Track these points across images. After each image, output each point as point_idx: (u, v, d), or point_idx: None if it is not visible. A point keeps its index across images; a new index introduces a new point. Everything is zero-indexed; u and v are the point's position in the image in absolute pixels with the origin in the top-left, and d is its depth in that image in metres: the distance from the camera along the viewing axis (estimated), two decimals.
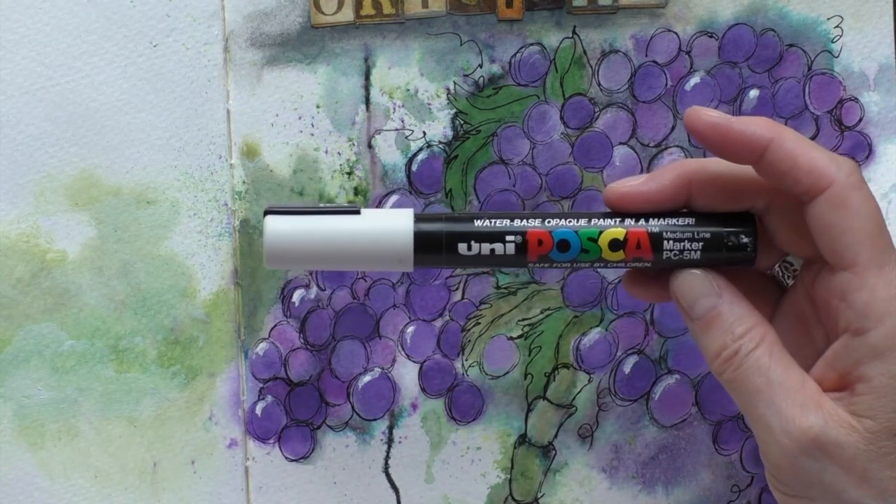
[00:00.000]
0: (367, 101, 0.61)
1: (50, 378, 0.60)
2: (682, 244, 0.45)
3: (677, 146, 0.62)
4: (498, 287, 0.62)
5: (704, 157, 0.62)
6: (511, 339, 0.62)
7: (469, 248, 0.44)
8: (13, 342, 0.59)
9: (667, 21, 0.61)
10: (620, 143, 0.62)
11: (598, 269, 0.46)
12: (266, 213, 0.48)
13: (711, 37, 0.62)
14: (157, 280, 0.60)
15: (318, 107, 0.60)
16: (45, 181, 0.59)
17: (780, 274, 0.50)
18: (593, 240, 0.45)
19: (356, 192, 0.61)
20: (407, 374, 0.62)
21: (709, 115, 0.46)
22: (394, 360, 0.62)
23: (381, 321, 0.61)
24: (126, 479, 0.60)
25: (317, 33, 0.60)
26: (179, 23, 0.59)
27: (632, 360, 0.62)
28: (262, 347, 0.61)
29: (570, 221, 0.45)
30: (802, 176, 0.44)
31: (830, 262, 0.44)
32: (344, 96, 0.60)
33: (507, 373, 0.62)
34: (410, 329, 0.61)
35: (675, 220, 0.46)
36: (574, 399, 0.62)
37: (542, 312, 0.62)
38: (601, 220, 0.46)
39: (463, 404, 0.62)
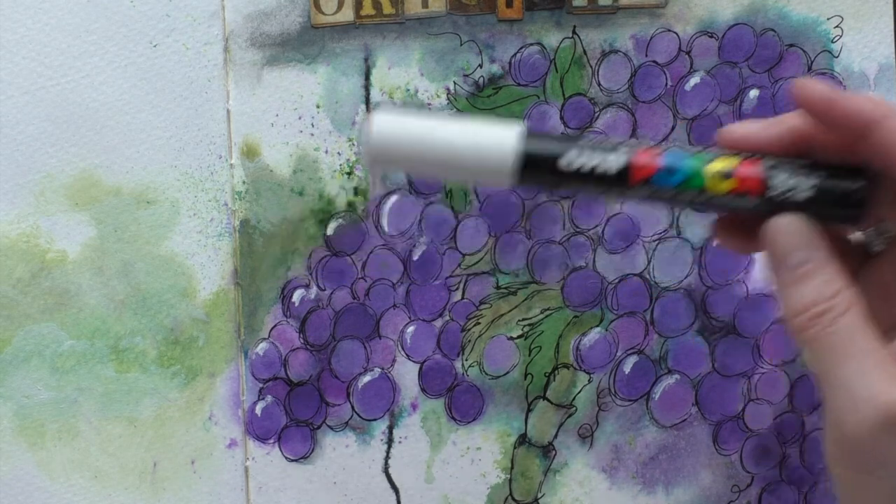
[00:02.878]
0: (367, 101, 0.61)
1: (50, 378, 0.60)
2: (794, 180, 0.43)
3: (677, 146, 0.62)
4: (498, 287, 0.62)
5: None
6: (511, 339, 0.62)
7: (571, 164, 0.43)
8: (13, 342, 0.59)
9: (667, 21, 0.61)
10: None
11: (697, 208, 0.43)
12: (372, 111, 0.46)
13: (711, 37, 0.62)
14: (157, 280, 0.60)
15: (318, 107, 0.60)
16: (45, 181, 0.59)
17: (871, 239, 0.48)
18: (698, 171, 0.43)
19: (356, 192, 0.61)
20: (407, 374, 0.62)
21: (815, 88, 0.45)
22: (394, 360, 0.62)
23: (381, 321, 0.61)
24: (126, 479, 0.60)
25: (317, 33, 0.60)
26: (179, 23, 0.59)
27: (632, 360, 0.62)
28: (262, 347, 0.61)
29: (685, 150, 0.44)
30: None
31: None
32: (344, 96, 0.60)
33: (507, 373, 0.62)
34: (410, 329, 0.61)
35: (789, 159, 0.44)
36: (574, 399, 0.62)
37: (542, 312, 0.62)
38: (717, 150, 0.44)
39: (463, 404, 0.62)
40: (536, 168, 0.43)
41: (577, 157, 0.42)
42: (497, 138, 0.43)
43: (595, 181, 0.43)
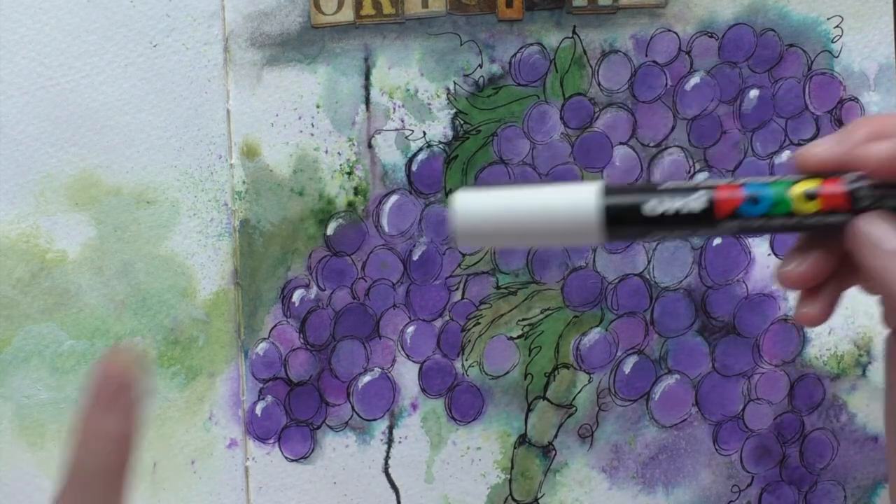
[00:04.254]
0: (367, 101, 0.61)
1: (50, 378, 0.60)
2: (879, 190, 0.43)
3: (677, 146, 0.62)
4: (498, 287, 0.62)
5: (705, 156, 0.62)
6: (511, 339, 0.62)
7: (654, 209, 0.43)
8: (13, 342, 0.59)
9: (667, 21, 0.61)
10: (620, 144, 0.62)
11: (787, 230, 0.43)
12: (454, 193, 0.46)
13: (711, 37, 0.62)
14: (157, 280, 0.60)
15: (318, 107, 0.60)
16: (45, 181, 0.59)
17: None
18: (784, 195, 0.43)
19: (356, 192, 0.61)
20: (407, 374, 0.62)
21: (818, 151, 0.44)
22: (394, 360, 0.62)
23: (381, 321, 0.61)
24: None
25: (317, 33, 0.60)
26: (179, 23, 0.59)
27: (632, 360, 0.62)
28: (262, 347, 0.61)
29: (765, 179, 0.44)
30: None
31: None
32: (344, 96, 0.60)
33: (507, 373, 0.62)
34: (410, 329, 0.61)
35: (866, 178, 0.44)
36: (574, 399, 0.62)
37: (542, 312, 0.62)
38: (796, 175, 0.44)
39: (463, 404, 0.62)
40: (622, 220, 0.43)
41: (659, 204, 0.43)
42: (578, 198, 0.43)
43: (682, 222, 0.43)
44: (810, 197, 0.43)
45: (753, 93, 0.62)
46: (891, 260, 0.43)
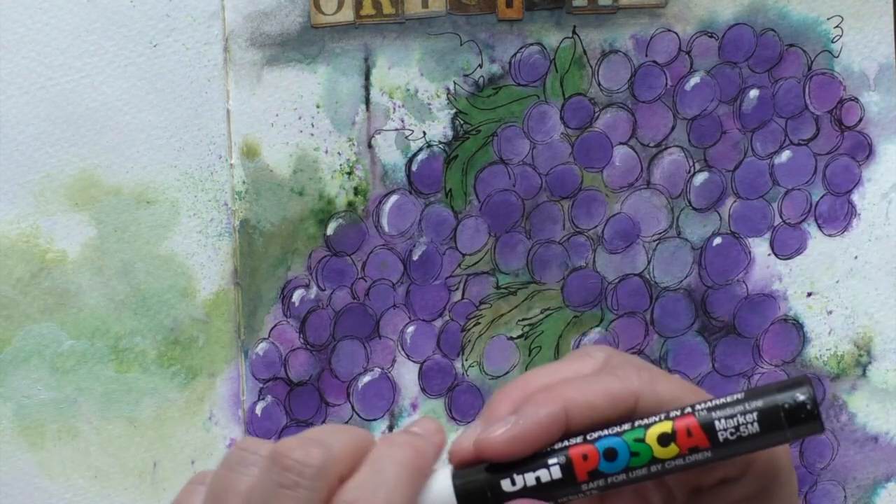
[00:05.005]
0: (367, 101, 0.61)
1: (50, 378, 0.60)
2: (736, 419, 0.41)
3: (677, 146, 0.62)
4: (498, 287, 0.62)
5: (704, 156, 0.62)
6: (511, 339, 0.62)
7: (513, 483, 0.42)
8: (13, 342, 0.59)
9: (667, 21, 0.61)
10: (620, 143, 0.62)
11: (653, 469, 0.42)
12: None
13: (711, 37, 0.62)
14: (157, 280, 0.60)
15: (318, 107, 0.60)
16: (45, 181, 0.59)
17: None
18: (640, 440, 0.42)
19: (356, 192, 0.61)
20: (407, 374, 0.62)
21: (498, 436, 0.41)
22: (394, 360, 0.62)
23: (381, 321, 0.61)
24: (126, 479, 0.60)
25: (317, 33, 0.60)
26: (179, 23, 0.59)
27: None
28: (262, 347, 0.61)
29: (611, 429, 0.42)
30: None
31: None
32: (344, 96, 0.60)
33: (507, 373, 0.62)
34: (410, 329, 0.61)
35: (722, 399, 0.42)
36: None
37: (542, 312, 0.62)
38: (642, 419, 0.42)
39: (463, 404, 0.62)
40: (484, 500, 0.42)
41: (518, 475, 0.41)
42: (437, 486, 0.42)
43: (546, 489, 0.41)
44: (668, 439, 0.40)
45: (753, 93, 0.62)
46: None
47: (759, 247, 0.63)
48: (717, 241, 0.63)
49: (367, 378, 0.61)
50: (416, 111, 0.61)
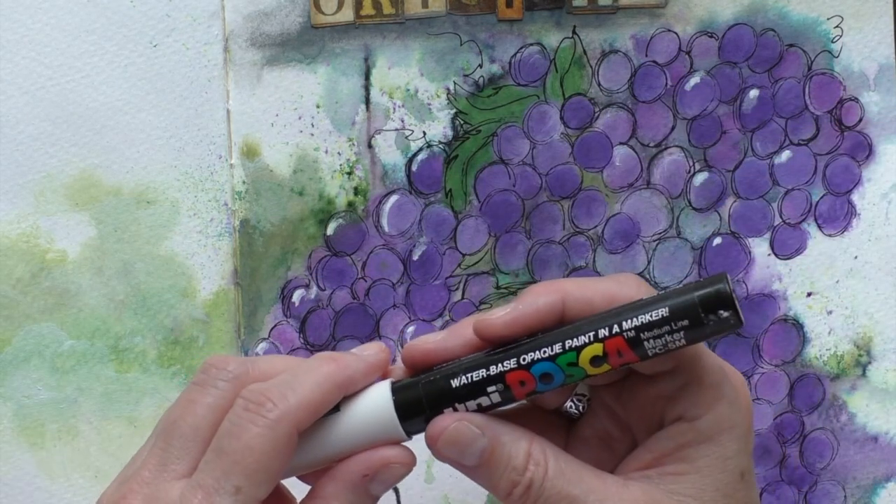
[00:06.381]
0: (367, 101, 0.61)
1: (50, 378, 0.60)
2: (664, 339, 0.42)
3: (677, 146, 0.62)
4: (498, 287, 0.62)
5: (704, 156, 0.62)
6: None
7: (455, 411, 0.44)
8: (13, 342, 0.59)
9: (667, 21, 0.61)
10: (620, 143, 0.62)
11: (585, 381, 0.44)
12: None
13: (711, 37, 0.62)
14: (157, 280, 0.60)
15: (318, 107, 0.60)
16: (45, 181, 0.59)
17: (572, 406, 0.49)
18: (573, 363, 0.43)
19: (356, 191, 0.61)
20: None
21: (492, 322, 0.44)
22: (394, 361, 0.61)
23: (381, 321, 0.61)
24: None
25: (317, 33, 0.60)
26: (179, 23, 0.59)
27: None
28: (262, 347, 0.61)
29: (544, 351, 0.43)
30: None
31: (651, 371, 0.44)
32: (344, 96, 0.60)
33: None
34: (410, 329, 0.61)
35: (647, 317, 0.43)
36: None
37: None
38: (573, 339, 0.43)
39: None
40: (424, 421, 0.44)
41: (459, 404, 0.43)
42: (372, 414, 0.44)
43: (489, 410, 0.44)
44: (598, 362, 0.42)
45: (753, 93, 0.62)
46: (475, 473, 0.45)
47: (759, 247, 0.63)
48: (717, 241, 0.63)
49: None
50: (416, 111, 0.61)
